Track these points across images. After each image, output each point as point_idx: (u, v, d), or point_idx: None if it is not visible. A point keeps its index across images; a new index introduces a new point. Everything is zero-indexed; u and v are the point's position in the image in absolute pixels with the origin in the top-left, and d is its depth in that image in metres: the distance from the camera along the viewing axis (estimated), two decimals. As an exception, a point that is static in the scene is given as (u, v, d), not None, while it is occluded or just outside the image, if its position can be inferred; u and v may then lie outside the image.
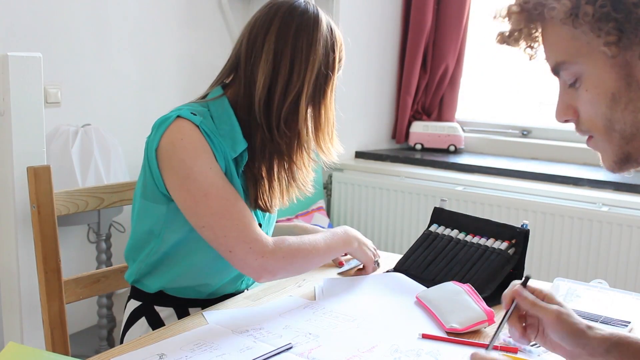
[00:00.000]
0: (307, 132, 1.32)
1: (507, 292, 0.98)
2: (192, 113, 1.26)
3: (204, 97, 1.36)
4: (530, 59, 0.90)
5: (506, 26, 0.89)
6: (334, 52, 1.32)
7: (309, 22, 1.29)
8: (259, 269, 1.25)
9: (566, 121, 0.89)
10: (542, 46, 0.87)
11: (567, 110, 0.87)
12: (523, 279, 1.00)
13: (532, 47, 0.88)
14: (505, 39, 0.89)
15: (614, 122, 0.82)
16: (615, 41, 0.78)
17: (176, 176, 1.23)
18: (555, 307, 0.94)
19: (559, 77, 0.87)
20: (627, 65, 0.80)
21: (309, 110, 1.32)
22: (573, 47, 0.82)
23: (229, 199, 1.24)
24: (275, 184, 1.34)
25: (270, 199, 1.34)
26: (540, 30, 0.86)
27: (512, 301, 0.97)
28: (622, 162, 0.86)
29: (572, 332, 0.92)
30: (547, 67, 0.89)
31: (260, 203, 1.33)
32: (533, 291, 0.99)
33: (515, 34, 0.87)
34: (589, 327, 0.93)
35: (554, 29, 0.83)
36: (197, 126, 1.24)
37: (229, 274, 1.36)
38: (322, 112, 1.33)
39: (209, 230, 1.24)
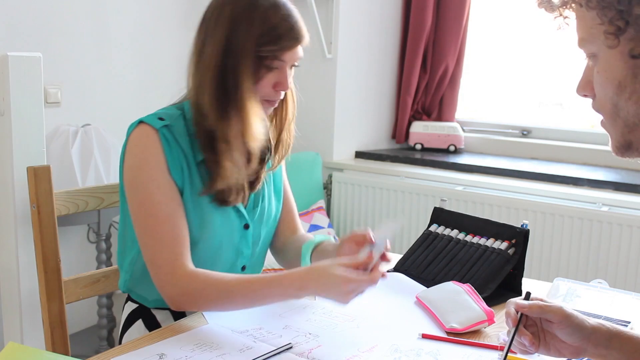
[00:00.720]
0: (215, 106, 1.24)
1: (509, 309, 0.99)
2: (158, 118, 1.26)
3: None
4: (557, 29, 0.89)
5: None
6: (249, 26, 1.22)
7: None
8: (165, 296, 1.22)
9: (585, 96, 0.89)
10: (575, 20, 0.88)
11: (586, 86, 0.88)
12: (524, 295, 1.00)
13: (564, 17, 0.88)
14: (544, 3, 0.88)
15: (619, 109, 0.83)
16: (614, 31, 0.79)
17: (125, 181, 1.26)
18: (558, 304, 0.97)
19: (584, 54, 0.88)
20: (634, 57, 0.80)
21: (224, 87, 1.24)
22: (587, 26, 0.83)
23: (158, 217, 1.21)
24: (224, 161, 1.26)
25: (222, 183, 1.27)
26: (574, 4, 0.86)
27: (518, 317, 0.97)
28: (624, 148, 0.86)
29: (579, 326, 0.94)
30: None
31: (216, 194, 1.27)
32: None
33: (554, 0, 0.87)
34: (585, 319, 0.96)
35: (580, 7, 0.84)
36: (158, 130, 1.24)
37: (228, 269, 1.35)
38: (237, 95, 1.23)
39: (138, 241, 1.24)
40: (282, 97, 1.32)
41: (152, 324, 1.34)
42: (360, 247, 1.23)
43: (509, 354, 1.09)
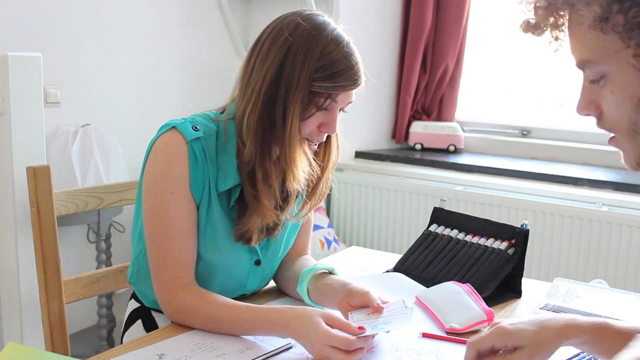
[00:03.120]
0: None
1: (471, 354, 0.94)
2: (193, 127, 1.20)
3: (224, 110, 1.28)
4: (554, 52, 0.86)
5: (530, 14, 0.84)
6: (307, 57, 1.14)
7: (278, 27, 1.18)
8: (162, 309, 1.22)
9: (587, 115, 0.86)
10: (567, 38, 0.84)
11: (589, 105, 0.84)
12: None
13: (557, 39, 0.84)
14: (530, 28, 0.84)
15: (639, 125, 0.80)
16: None
17: (144, 183, 1.22)
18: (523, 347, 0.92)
19: (583, 73, 0.84)
20: None
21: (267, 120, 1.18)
22: (600, 49, 0.79)
23: (169, 232, 1.18)
24: (263, 199, 1.20)
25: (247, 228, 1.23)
26: (567, 24, 0.82)
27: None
28: None
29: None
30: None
31: (238, 235, 1.24)
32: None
33: (541, 25, 0.83)
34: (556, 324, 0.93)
35: (581, 29, 0.80)
36: (188, 142, 1.18)
37: (226, 292, 1.31)
38: (282, 129, 1.16)
39: (146, 247, 1.23)
40: (323, 139, 1.24)
41: (150, 327, 1.33)
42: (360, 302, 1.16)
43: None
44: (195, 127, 1.21)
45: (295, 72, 1.14)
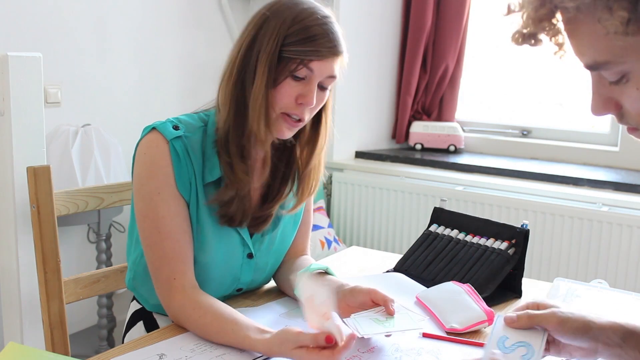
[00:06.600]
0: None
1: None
2: (174, 126, 1.21)
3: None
4: (560, 59, 0.79)
5: (521, 24, 0.79)
6: (278, 23, 1.15)
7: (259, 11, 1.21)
8: (166, 309, 1.22)
9: (604, 114, 0.80)
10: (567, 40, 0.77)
11: (607, 105, 0.78)
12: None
13: (560, 46, 0.77)
14: (526, 40, 0.79)
15: None
16: None
17: (134, 187, 1.23)
18: (549, 310, 0.93)
19: (594, 72, 0.77)
20: None
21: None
22: (620, 49, 0.71)
23: (161, 232, 1.18)
24: (236, 164, 1.22)
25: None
26: (564, 25, 0.76)
27: None
28: None
29: (582, 328, 0.91)
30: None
31: (221, 209, 1.23)
32: (526, 306, 0.97)
33: (539, 35, 0.77)
34: (592, 320, 0.92)
35: (590, 29, 0.72)
36: (169, 142, 1.19)
37: (220, 291, 1.31)
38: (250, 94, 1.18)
39: (143, 250, 1.23)
40: (305, 117, 1.20)
41: (152, 329, 1.32)
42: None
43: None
44: (176, 127, 1.21)
45: (266, 38, 1.16)
